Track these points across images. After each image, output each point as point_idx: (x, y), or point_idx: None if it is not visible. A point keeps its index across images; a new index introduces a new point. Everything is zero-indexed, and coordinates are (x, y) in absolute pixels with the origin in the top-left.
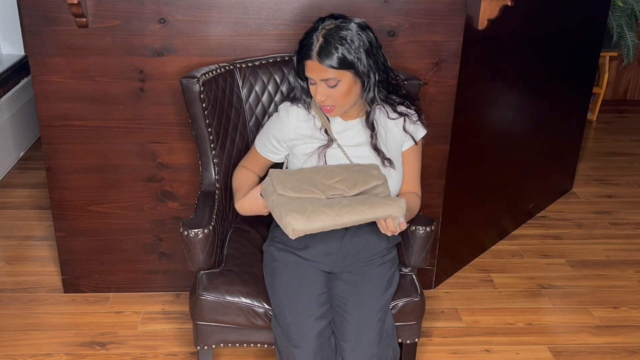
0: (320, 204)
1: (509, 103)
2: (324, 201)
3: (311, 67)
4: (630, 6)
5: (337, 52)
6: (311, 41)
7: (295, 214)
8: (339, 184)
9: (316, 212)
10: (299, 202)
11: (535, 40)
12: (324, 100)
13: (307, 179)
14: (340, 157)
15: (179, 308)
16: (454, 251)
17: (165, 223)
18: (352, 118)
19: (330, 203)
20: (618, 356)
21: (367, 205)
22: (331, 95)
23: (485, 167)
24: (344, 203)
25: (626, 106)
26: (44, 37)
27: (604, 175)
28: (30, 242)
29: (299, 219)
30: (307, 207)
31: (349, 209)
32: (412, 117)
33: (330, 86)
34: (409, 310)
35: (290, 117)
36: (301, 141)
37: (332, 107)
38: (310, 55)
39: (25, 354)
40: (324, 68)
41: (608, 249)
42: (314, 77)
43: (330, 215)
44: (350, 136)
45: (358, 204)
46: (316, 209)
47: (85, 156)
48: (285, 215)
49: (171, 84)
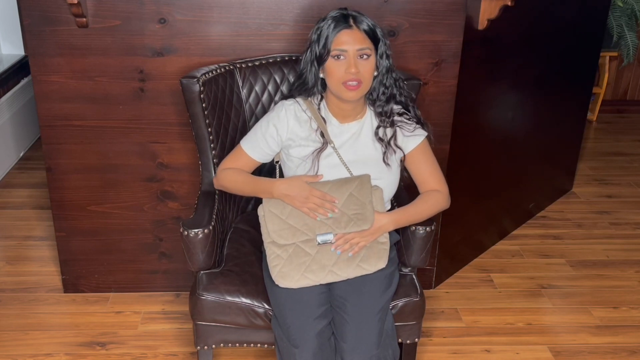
0: (306, 269)
1: (509, 103)
2: (308, 262)
3: (347, 35)
4: (630, 6)
5: (371, 24)
6: (341, 17)
7: (286, 281)
8: (330, 221)
9: (303, 280)
10: (287, 265)
11: (535, 40)
12: (355, 73)
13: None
14: (336, 161)
15: (179, 308)
16: (454, 251)
17: (165, 223)
18: (348, 120)
19: (315, 268)
20: (618, 356)
21: (347, 274)
22: (362, 69)
23: (485, 167)
24: (329, 270)
25: (626, 106)
26: (44, 37)
27: (604, 175)
28: (30, 242)
29: (287, 284)
30: (295, 274)
31: (328, 277)
32: (405, 129)
33: (364, 57)
34: (409, 310)
35: (287, 114)
36: (295, 142)
37: (359, 84)
38: (347, 25)
39: (25, 354)
40: (361, 36)
41: (608, 249)
42: (348, 48)
43: (312, 280)
44: (346, 139)
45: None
46: (303, 275)
47: (85, 156)
48: (276, 278)
49: (171, 84)
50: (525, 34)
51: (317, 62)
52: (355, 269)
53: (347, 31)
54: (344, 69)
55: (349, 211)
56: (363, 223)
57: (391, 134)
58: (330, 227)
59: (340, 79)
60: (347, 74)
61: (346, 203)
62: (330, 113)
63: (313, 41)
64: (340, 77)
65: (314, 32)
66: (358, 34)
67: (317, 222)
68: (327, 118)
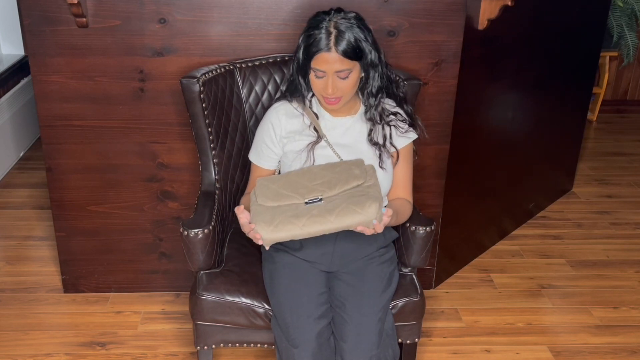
0: (290, 214)
1: (509, 103)
2: (296, 210)
3: (325, 59)
4: (630, 6)
5: (353, 41)
6: (323, 34)
7: (263, 224)
8: (320, 186)
9: (283, 222)
10: (271, 213)
11: (535, 40)
12: (333, 93)
13: (290, 184)
14: (330, 154)
15: (179, 308)
16: (454, 251)
17: (165, 223)
18: (341, 115)
19: (300, 213)
20: (618, 356)
21: (335, 215)
22: (341, 86)
23: (485, 167)
24: (313, 213)
25: (626, 106)
26: (44, 37)
27: (604, 175)
28: (30, 242)
29: (266, 229)
30: (275, 218)
31: (316, 219)
32: (399, 128)
33: (342, 77)
34: (409, 310)
35: (278, 114)
36: (291, 139)
37: (338, 100)
38: (327, 47)
39: (25, 354)
40: (340, 58)
41: (608, 249)
42: (326, 70)
43: (297, 225)
44: (339, 133)
45: (326, 213)
46: (284, 219)
47: (85, 156)
48: (255, 225)
49: (171, 84)
50: (525, 34)
51: (302, 74)
52: (343, 209)
53: (325, 54)
54: (323, 86)
55: (338, 175)
56: (353, 180)
57: (387, 134)
58: (320, 190)
59: (320, 93)
60: (325, 91)
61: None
62: (322, 107)
63: (299, 46)
64: (320, 91)
65: (301, 40)
66: (336, 56)
67: (307, 188)
68: (319, 113)
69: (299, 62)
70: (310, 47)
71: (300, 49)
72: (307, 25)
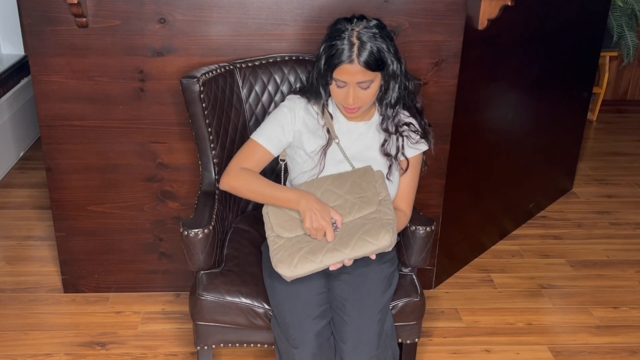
0: (307, 250)
1: (509, 103)
2: (312, 243)
3: (347, 70)
4: (630, 6)
5: (375, 52)
6: (345, 45)
7: (283, 266)
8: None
9: (302, 262)
10: (289, 250)
11: (535, 40)
12: (353, 103)
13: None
14: (340, 158)
15: (179, 308)
16: (454, 251)
17: (165, 223)
18: (356, 120)
19: (316, 248)
20: (618, 356)
21: (350, 248)
22: (362, 96)
23: (485, 167)
24: (329, 247)
25: (626, 106)
26: (44, 37)
27: (604, 175)
28: (30, 242)
29: (287, 269)
30: (294, 256)
31: (333, 253)
32: (411, 139)
33: (364, 88)
34: (409, 311)
35: (298, 105)
36: (304, 134)
37: (357, 109)
38: (349, 59)
39: (25, 354)
40: (362, 70)
41: (608, 249)
42: (348, 80)
43: (315, 262)
44: (352, 138)
45: (342, 247)
46: (302, 257)
47: (85, 156)
48: (275, 264)
49: (171, 84)
50: (525, 34)
51: (323, 82)
52: (357, 241)
53: (347, 66)
54: (344, 96)
55: (352, 197)
56: (367, 206)
57: (399, 145)
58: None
59: (340, 102)
60: (346, 101)
61: (349, 190)
62: (337, 110)
63: (321, 56)
64: (341, 100)
65: (322, 49)
66: (358, 68)
67: None
68: (334, 114)
69: (320, 71)
70: (332, 58)
71: (322, 59)
72: (328, 34)
